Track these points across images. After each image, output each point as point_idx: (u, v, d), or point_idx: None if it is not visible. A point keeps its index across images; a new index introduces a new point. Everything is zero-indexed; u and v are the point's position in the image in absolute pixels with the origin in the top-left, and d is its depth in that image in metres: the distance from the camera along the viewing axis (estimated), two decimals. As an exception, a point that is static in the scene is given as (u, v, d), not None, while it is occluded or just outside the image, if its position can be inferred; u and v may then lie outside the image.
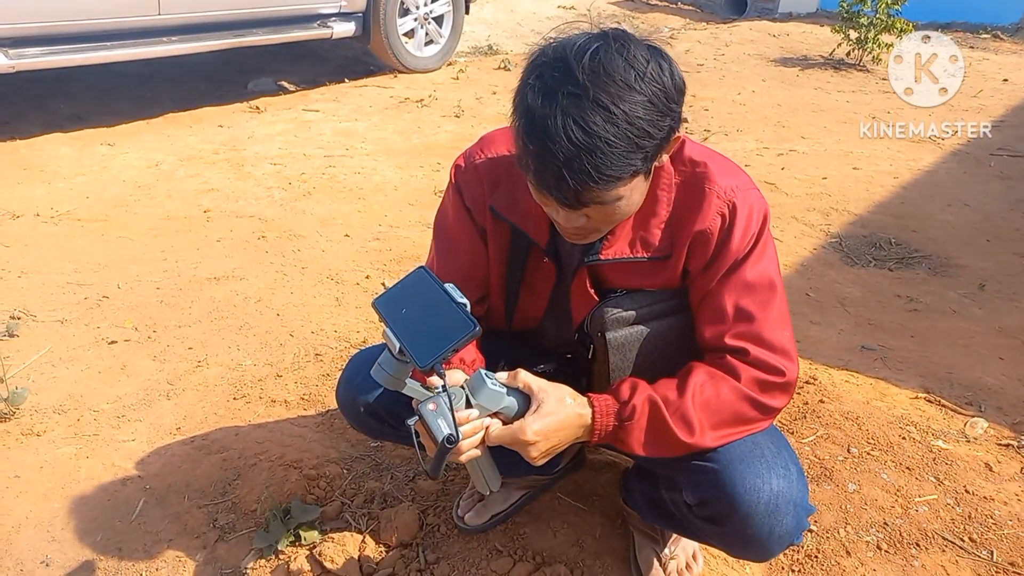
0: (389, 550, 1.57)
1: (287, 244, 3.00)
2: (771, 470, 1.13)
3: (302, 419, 2.00)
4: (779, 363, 1.14)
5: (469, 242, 1.30)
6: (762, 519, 1.12)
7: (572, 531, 1.61)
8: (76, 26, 3.82)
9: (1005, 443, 1.93)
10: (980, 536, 1.62)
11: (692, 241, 1.15)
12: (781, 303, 1.17)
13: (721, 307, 1.15)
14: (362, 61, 5.98)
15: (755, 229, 1.15)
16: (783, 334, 1.16)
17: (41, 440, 1.89)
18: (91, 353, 2.25)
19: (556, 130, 0.94)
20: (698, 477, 1.17)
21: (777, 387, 1.14)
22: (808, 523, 1.21)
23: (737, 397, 1.13)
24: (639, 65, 0.96)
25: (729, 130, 4.73)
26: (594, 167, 0.95)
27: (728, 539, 1.22)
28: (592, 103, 0.94)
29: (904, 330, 2.58)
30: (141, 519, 1.65)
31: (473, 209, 1.29)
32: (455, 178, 1.30)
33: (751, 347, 1.13)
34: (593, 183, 0.97)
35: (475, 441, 1.08)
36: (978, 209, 3.68)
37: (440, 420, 1.01)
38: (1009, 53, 7.20)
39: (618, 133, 0.95)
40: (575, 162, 0.95)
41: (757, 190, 1.19)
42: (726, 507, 1.14)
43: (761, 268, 1.15)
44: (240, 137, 4.25)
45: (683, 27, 8.12)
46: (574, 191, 0.98)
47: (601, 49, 0.96)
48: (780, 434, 1.25)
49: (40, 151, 3.87)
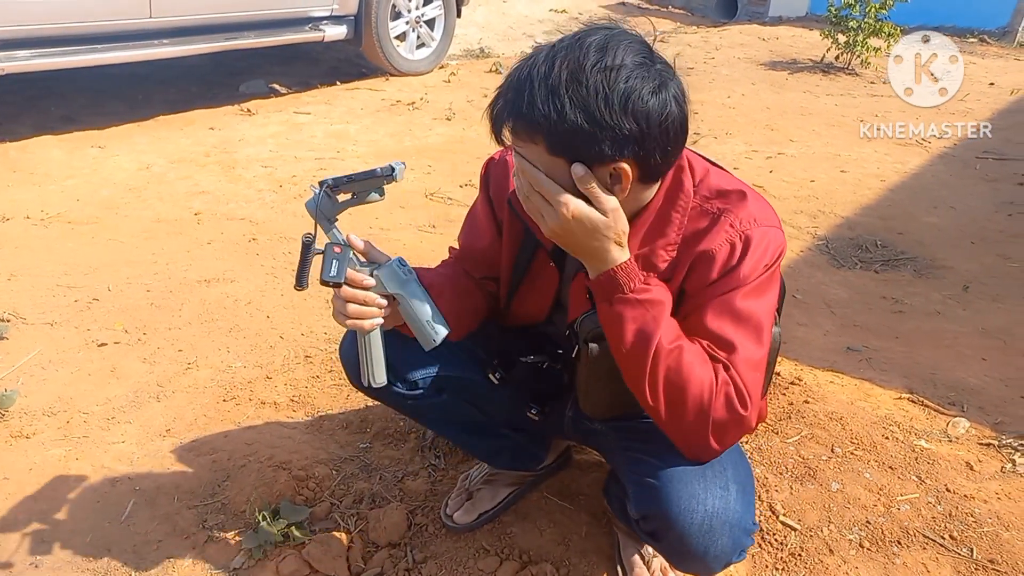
0: (378, 550, 1.58)
1: (278, 246, 3.01)
2: (708, 490, 1.13)
3: (292, 420, 2.01)
4: (747, 396, 1.08)
5: (489, 230, 1.38)
6: (696, 539, 1.13)
7: (558, 530, 1.63)
8: (67, 29, 3.82)
9: (986, 442, 1.96)
10: (960, 534, 1.64)
11: (694, 261, 1.13)
12: (763, 350, 1.12)
13: (703, 326, 1.11)
14: (354, 64, 5.99)
15: (765, 265, 1.12)
16: (754, 376, 1.10)
17: (31, 442, 1.89)
18: (81, 355, 2.25)
19: (525, 68, 1.02)
20: (641, 491, 1.19)
21: (737, 415, 1.08)
22: (751, 541, 1.19)
23: (708, 379, 1.07)
24: (609, 62, 0.97)
25: (718, 133, 4.77)
26: (515, 101, 1.00)
27: (668, 554, 1.25)
28: (550, 57, 1.00)
29: (889, 331, 2.61)
30: (131, 520, 1.66)
31: (495, 201, 1.36)
32: (486, 170, 1.38)
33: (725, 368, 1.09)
34: (507, 113, 1.02)
35: (358, 296, 1.17)
36: (963, 211, 3.72)
37: (335, 261, 1.16)
38: (995, 57, 7.27)
39: (544, 87, 0.98)
40: (509, 92, 1.02)
41: (780, 231, 1.15)
42: (663, 524, 1.15)
43: (755, 305, 1.11)
44: (231, 139, 4.26)
45: (674, 30, 8.17)
46: (495, 118, 1.04)
47: (604, 34, 1.01)
48: (735, 452, 1.22)
49: (31, 153, 3.87)
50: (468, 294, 1.38)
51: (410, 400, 1.41)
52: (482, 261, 1.41)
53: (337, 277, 1.16)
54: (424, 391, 1.41)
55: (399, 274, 1.20)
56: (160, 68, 5.17)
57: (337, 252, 1.16)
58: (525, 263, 1.33)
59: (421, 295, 1.21)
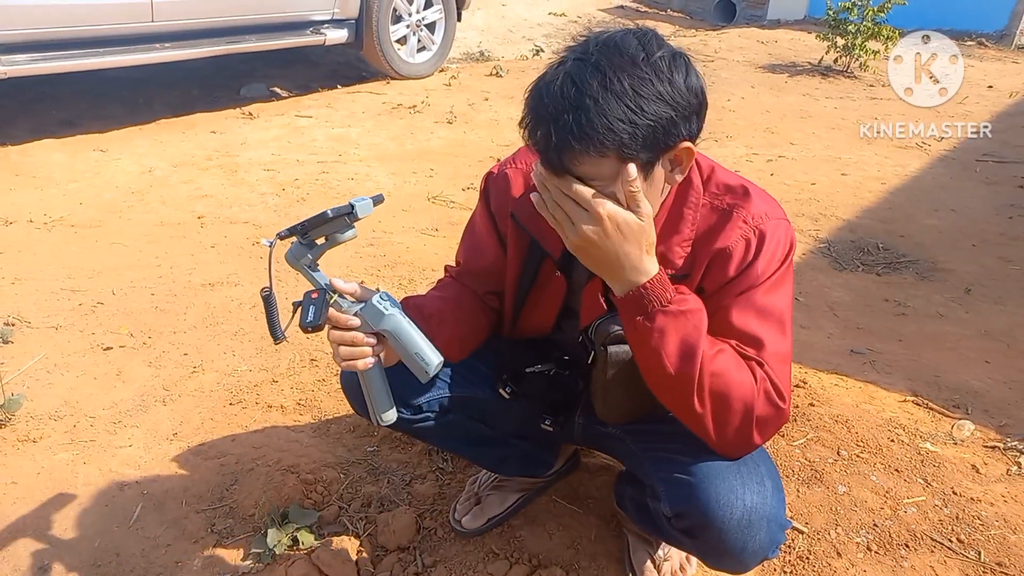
0: (387, 554, 1.58)
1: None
2: (745, 485, 1.13)
3: (298, 424, 2.01)
4: (783, 389, 1.11)
5: (492, 245, 1.37)
6: (735, 534, 1.13)
7: (567, 533, 1.63)
8: (70, 32, 3.82)
9: (991, 445, 1.97)
10: (968, 537, 1.65)
11: (711, 260, 1.15)
12: (788, 342, 1.15)
13: (729, 325, 1.13)
14: (355, 67, 6.00)
15: (780, 258, 1.14)
16: (784, 369, 1.13)
17: (38, 446, 1.89)
18: (86, 359, 2.25)
19: (554, 86, 0.98)
20: (675, 489, 1.18)
21: (775, 410, 1.11)
22: (784, 537, 1.20)
23: (751, 385, 1.09)
24: (651, 50, 0.99)
25: (719, 136, 4.78)
26: (578, 124, 0.96)
27: (703, 552, 1.24)
28: (593, 67, 0.97)
29: (892, 334, 2.62)
30: (139, 524, 1.66)
31: (497, 215, 1.35)
32: (486, 184, 1.37)
33: (759, 365, 1.11)
34: (575, 140, 0.96)
35: (345, 338, 1.16)
36: (964, 214, 3.73)
37: (312, 307, 1.15)
38: (994, 60, 7.30)
39: (609, 98, 0.95)
40: (562, 117, 0.96)
41: (788, 223, 1.18)
42: (700, 521, 1.14)
43: (775, 299, 1.13)
44: (233, 143, 4.26)
45: (672, 34, 8.18)
46: (556, 147, 0.98)
47: (620, 33, 1.01)
48: (762, 449, 1.23)
49: (32, 157, 3.86)
50: (471, 315, 1.38)
51: (416, 424, 1.39)
52: (486, 277, 1.40)
53: (314, 321, 1.15)
54: (430, 414, 1.39)
55: (380, 309, 1.16)
56: (161, 71, 5.17)
57: (314, 297, 1.16)
58: (532, 275, 1.33)
59: (407, 328, 1.17)
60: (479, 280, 1.41)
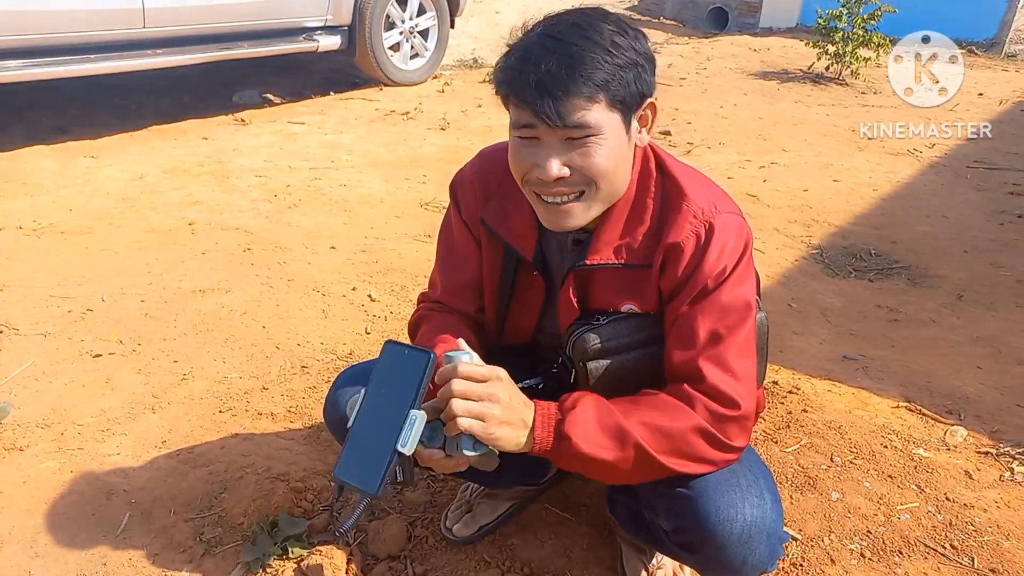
0: (377, 562, 1.57)
1: (273, 256, 3.00)
2: (745, 499, 1.12)
3: (288, 432, 1.99)
4: (734, 393, 1.11)
5: (475, 253, 1.35)
6: (735, 549, 1.12)
7: (560, 542, 1.62)
8: (61, 39, 3.80)
9: (984, 451, 1.97)
10: (961, 543, 1.64)
11: (665, 253, 1.16)
12: (750, 331, 1.15)
13: (693, 331, 1.13)
14: (347, 74, 6.00)
15: (733, 253, 1.14)
16: (745, 363, 1.14)
17: (24, 455, 1.87)
18: (75, 367, 2.23)
19: (534, 47, 1.05)
20: (673, 503, 1.17)
21: (732, 420, 1.11)
22: (783, 551, 1.21)
23: (689, 428, 1.09)
24: (607, 14, 1.10)
25: (712, 143, 4.79)
26: (568, 65, 1.02)
27: (702, 566, 1.23)
28: (567, 25, 1.06)
29: (885, 340, 2.62)
30: (126, 534, 1.64)
31: (469, 222, 1.34)
32: (453, 193, 1.36)
33: (710, 370, 1.11)
34: (573, 85, 1.01)
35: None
36: (956, 220, 3.75)
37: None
38: (984, 68, 7.36)
39: (589, 44, 1.03)
40: (551, 61, 1.02)
41: (739, 215, 1.19)
42: (699, 536, 1.13)
43: (738, 292, 1.14)
44: (225, 149, 4.25)
45: (665, 41, 8.22)
46: (550, 93, 1.02)
47: (571, 8, 1.11)
48: (759, 460, 1.24)
49: (23, 163, 3.84)
50: (477, 349, 1.34)
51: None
52: (475, 292, 1.37)
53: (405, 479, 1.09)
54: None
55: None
56: (152, 78, 5.15)
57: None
58: (511, 278, 1.32)
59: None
60: (467, 296, 1.38)
